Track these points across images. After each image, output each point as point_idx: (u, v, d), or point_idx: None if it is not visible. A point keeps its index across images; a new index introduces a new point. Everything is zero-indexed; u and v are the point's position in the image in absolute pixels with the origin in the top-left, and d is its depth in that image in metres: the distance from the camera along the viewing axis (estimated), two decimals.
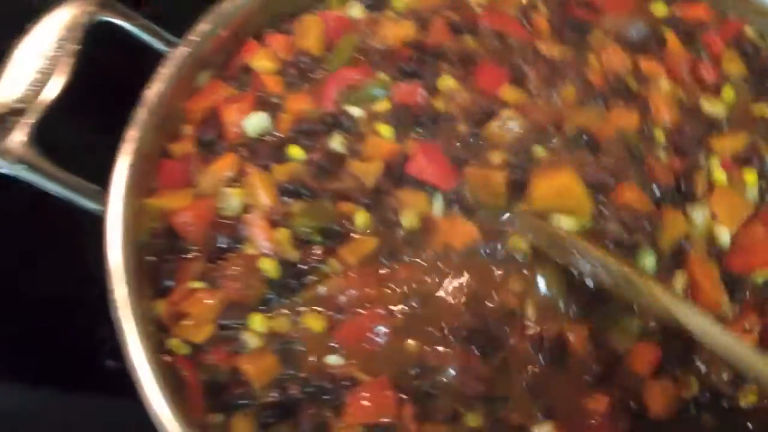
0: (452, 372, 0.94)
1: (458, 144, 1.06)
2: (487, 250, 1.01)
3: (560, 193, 1.01)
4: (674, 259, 1.02)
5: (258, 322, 0.95)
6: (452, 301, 0.98)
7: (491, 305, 0.98)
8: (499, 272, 0.99)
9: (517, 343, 0.97)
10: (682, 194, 1.06)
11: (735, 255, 1.03)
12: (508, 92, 1.10)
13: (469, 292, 0.98)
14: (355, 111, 1.11)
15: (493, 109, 1.08)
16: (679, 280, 1.00)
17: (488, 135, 1.06)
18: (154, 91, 1.07)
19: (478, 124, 1.07)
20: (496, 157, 1.05)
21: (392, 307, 0.97)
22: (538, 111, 1.09)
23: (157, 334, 0.93)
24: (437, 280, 0.99)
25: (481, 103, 1.09)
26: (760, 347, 0.97)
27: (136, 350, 0.86)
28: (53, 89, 1.02)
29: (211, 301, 0.95)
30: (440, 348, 0.96)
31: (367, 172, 1.05)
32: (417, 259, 1.00)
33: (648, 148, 1.08)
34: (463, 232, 1.01)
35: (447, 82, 1.11)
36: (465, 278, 0.99)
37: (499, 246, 1.01)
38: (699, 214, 1.05)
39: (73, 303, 1.19)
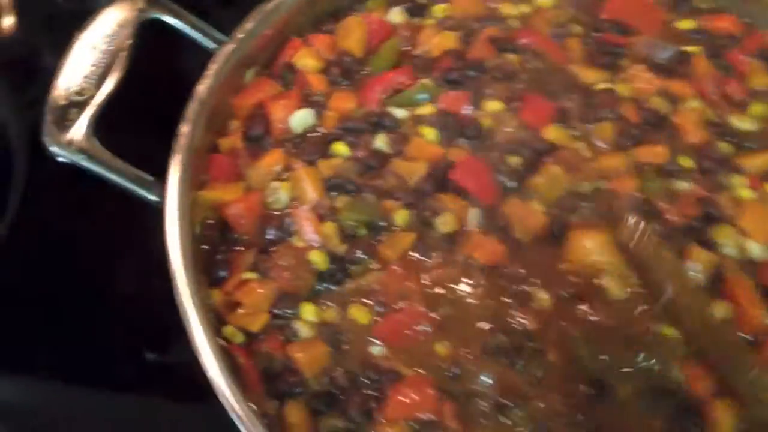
0: (487, 380, 0.97)
1: (504, 169, 1.09)
2: (507, 279, 1.03)
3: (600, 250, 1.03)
4: (713, 287, 1.04)
5: (309, 311, 0.98)
6: (480, 311, 1.01)
7: (512, 323, 1.00)
8: (512, 302, 1.01)
9: (555, 361, 0.98)
10: (708, 219, 1.08)
11: None
12: (553, 132, 1.13)
13: (489, 305, 1.01)
14: (399, 113, 1.15)
15: (540, 149, 1.10)
16: (722, 307, 1.02)
17: (533, 184, 1.08)
18: (204, 86, 1.10)
19: (525, 164, 1.09)
20: (538, 205, 1.07)
21: (430, 305, 1.00)
22: (580, 162, 1.11)
23: (214, 322, 0.95)
24: (466, 286, 1.02)
25: (527, 140, 1.12)
26: None
27: (201, 336, 0.89)
28: (109, 84, 1.05)
29: (263, 291, 0.98)
30: (474, 353, 0.98)
31: (411, 171, 1.09)
32: (449, 261, 1.03)
33: (668, 194, 1.10)
34: (490, 249, 1.03)
35: (494, 105, 1.15)
36: (487, 292, 1.02)
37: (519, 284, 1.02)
38: (728, 238, 1.07)
39: (117, 296, 1.22)
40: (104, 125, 1.05)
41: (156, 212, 1.01)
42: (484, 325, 0.99)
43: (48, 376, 1.19)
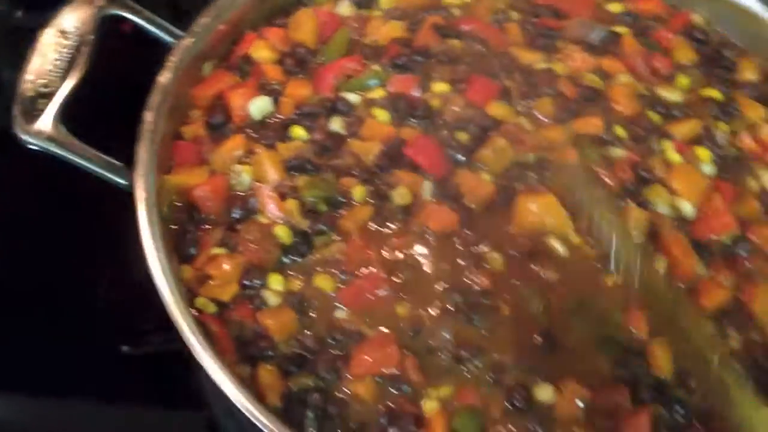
0: (445, 335, 1.03)
1: (453, 144, 1.16)
2: (461, 243, 1.10)
3: (545, 212, 1.11)
4: (651, 243, 1.12)
5: (277, 281, 1.04)
6: (437, 274, 1.08)
7: (468, 283, 1.07)
8: (466, 264, 1.08)
9: (509, 315, 1.05)
10: (642, 181, 1.17)
11: (700, 224, 1.15)
12: (497, 108, 1.22)
13: (445, 268, 1.08)
14: (352, 97, 1.22)
15: (485, 125, 1.18)
16: (661, 262, 1.11)
17: (481, 156, 1.16)
18: (164, 78, 1.15)
19: (473, 139, 1.17)
20: (486, 176, 1.15)
21: (390, 271, 1.07)
22: (524, 135, 1.19)
23: (187, 295, 1.00)
24: (423, 252, 1.09)
25: (473, 117, 1.19)
26: (734, 301, 1.10)
27: (175, 307, 0.94)
28: (74, 76, 1.10)
29: (232, 264, 1.04)
30: (432, 312, 1.05)
31: (366, 150, 1.16)
32: (406, 230, 1.10)
33: (606, 161, 1.18)
34: (443, 217, 1.10)
35: (441, 87, 1.22)
36: (442, 257, 1.09)
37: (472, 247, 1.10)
38: (660, 198, 1.16)
39: (94, 291, 1.25)
40: (74, 117, 1.09)
41: (124, 201, 1.06)
42: (441, 286, 1.06)
43: (30, 389, 1.20)
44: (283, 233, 1.07)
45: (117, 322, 1.26)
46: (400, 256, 1.08)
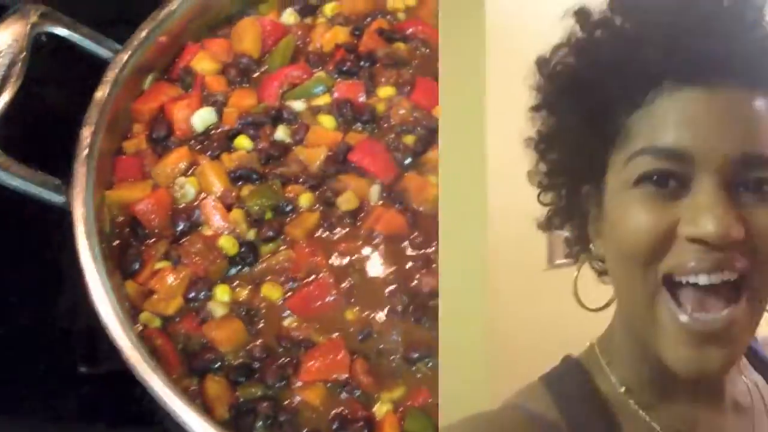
0: (395, 337, 1.03)
1: (400, 147, 1.16)
2: (410, 246, 1.09)
3: None
4: None
5: (223, 292, 1.03)
6: (385, 277, 1.07)
7: (416, 285, 1.06)
8: (414, 266, 1.08)
9: None
10: None
11: None
12: None
13: (393, 272, 1.08)
14: (297, 105, 1.21)
15: (432, 127, 1.17)
16: None
17: (428, 159, 1.16)
18: (101, 93, 1.14)
19: (419, 141, 1.17)
20: (434, 178, 1.14)
21: (338, 277, 1.06)
22: None
23: (130, 310, 0.99)
24: (370, 255, 1.09)
25: (420, 120, 1.19)
26: None
27: (115, 324, 0.92)
28: (6, 96, 1.08)
29: (177, 278, 1.03)
30: (382, 316, 1.04)
31: (312, 157, 1.15)
32: (353, 235, 1.10)
33: None
34: (391, 221, 1.10)
35: (386, 91, 1.23)
36: (390, 260, 1.08)
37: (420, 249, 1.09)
38: None
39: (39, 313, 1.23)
40: (10, 137, 1.07)
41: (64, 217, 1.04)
42: (390, 289, 1.06)
43: None
44: (228, 244, 1.06)
45: (73, 341, 1.23)
46: (349, 261, 1.08)
